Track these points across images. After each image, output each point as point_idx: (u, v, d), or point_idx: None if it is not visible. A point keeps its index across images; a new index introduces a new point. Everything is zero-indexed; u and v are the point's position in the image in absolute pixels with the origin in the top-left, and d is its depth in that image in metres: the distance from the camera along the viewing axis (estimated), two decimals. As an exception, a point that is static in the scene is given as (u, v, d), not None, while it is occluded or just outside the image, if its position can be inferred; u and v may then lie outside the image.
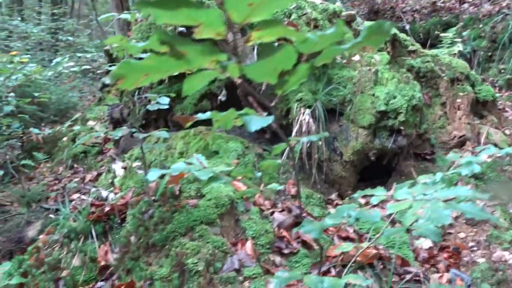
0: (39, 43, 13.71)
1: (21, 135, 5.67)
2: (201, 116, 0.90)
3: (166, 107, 2.32)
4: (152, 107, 2.28)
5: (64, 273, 2.42)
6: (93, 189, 3.12)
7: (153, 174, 1.09)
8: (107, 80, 2.94)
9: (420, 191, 1.08)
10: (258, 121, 0.79)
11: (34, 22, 14.23)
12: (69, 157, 5.84)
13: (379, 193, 1.17)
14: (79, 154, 5.78)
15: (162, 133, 2.21)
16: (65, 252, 2.60)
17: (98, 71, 12.93)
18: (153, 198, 2.43)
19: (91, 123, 6.79)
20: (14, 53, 4.01)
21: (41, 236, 2.86)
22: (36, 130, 3.84)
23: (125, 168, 3.01)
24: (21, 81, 4.19)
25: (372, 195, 1.21)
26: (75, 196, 4.30)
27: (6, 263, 2.05)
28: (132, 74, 0.65)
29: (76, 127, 5.86)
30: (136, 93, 3.91)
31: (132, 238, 2.26)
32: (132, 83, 0.68)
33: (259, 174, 1.29)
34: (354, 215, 1.04)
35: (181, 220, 2.16)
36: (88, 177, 4.94)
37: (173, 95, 2.47)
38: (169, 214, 2.20)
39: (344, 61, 3.20)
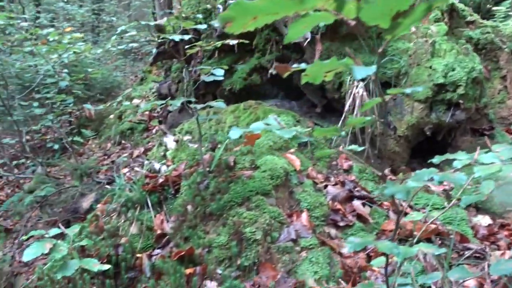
0: (82, 24, 14.07)
1: (72, 111, 5.89)
2: (295, 67, 0.88)
3: (221, 78, 2.31)
4: (207, 78, 2.28)
5: (122, 240, 2.51)
6: (146, 162, 3.20)
7: (235, 133, 1.08)
8: (215, 23, 2.88)
9: (508, 155, 1.02)
10: (362, 70, 0.76)
11: (78, 4, 14.57)
12: (116, 133, 6.01)
13: (462, 157, 1.12)
14: (126, 131, 5.94)
15: (219, 104, 2.22)
16: (122, 221, 2.69)
17: (139, 52, 13.14)
18: (207, 169, 2.46)
19: (135, 101, 6.95)
20: (68, 29, 4.11)
21: (98, 206, 2.97)
22: (89, 106, 3.95)
23: (176, 141, 3.05)
24: (72, 58, 4.30)
25: (454, 159, 1.16)
26: (125, 170, 4.44)
27: (75, 225, 2.14)
28: (242, 16, 0.63)
29: (124, 103, 6.01)
30: (185, 69, 3.95)
31: (189, 208, 2.31)
32: (240, 26, 0.66)
33: (343, 133, 1.26)
34: (438, 178, 1.00)
35: (237, 190, 2.18)
36: (136, 152, 5.08)
37: (225, 67, 2.45)
38: (225, 184, 2.22)
39: (399, 32, 3.07)
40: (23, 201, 4.95)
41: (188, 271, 1.97)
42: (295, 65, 0.87)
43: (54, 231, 1.70)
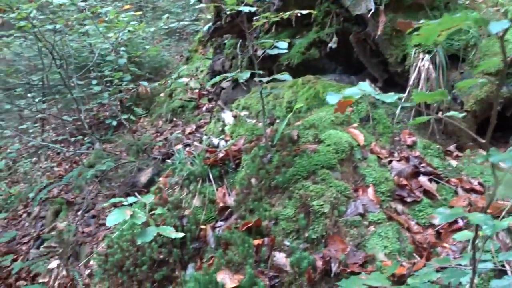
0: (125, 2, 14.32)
1: (128, 89, 6.05)
2: (420, 23, 0.84)
3: (285, 51, 2.29)
4: (271, 51, 2.26)
5: (186, 212, 2.58)
6: (205, 137, 3.25)
7: (332, 98, 1.06)
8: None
9: None
10: (498, 24, 0.71)
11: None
12: (168, 111, 6.14)
13: None
14: (177, 109, 6.05)
15: (285, 76, 2.20)
16: (185, 193, 2.76)
17: (184, 32, 13.25)
18: (270, 143, 2.47)
19: (184, 79, 7.04)
20: (127, 6, 4.20)
21: (160, 179, 3.06)
22: (145, 83, 4.03)
23: (235, 116, 3.07)
24: (127, 36, 4.40)
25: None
26: (179, 146, 4.54)
27: (149, 195, 2.21)
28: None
29: (174, 82, 6.11)
30: (239, 44, 3.94)
31: (253, 181, 2.33)
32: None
33: (449, 97, 1.22)
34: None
35: (302, 164, 2.17)
36: (188, 129, 5.17)
37: (288, 40, 2.42)
38: (290, 158, 2.22)
39: (467, 1, 2.91)
40: (83, 175, 5.19)
41: (256, 242, 2.00)
42: (415, 24, 0.83)
43: (131, 199, 1.76)
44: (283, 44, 2.32)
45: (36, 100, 6.08)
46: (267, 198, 2.20)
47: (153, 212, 1.93)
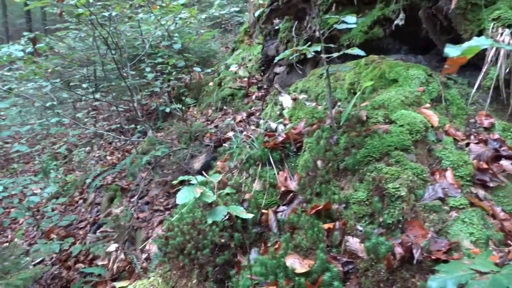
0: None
1: (179, 78, 6.10)
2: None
3: (354, 26, 2.15)
4: (340, 26, 2.13)
5: (247, 196, 2.51)
6: (262, 121, 3.18)
7: (453, 50, 0.93)
8: None
9: None
10: None
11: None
12: (218, 100, 6.12)
13: None
14: (227, 97, 6.02)
15: (356, 51, 2.05)
16: (244, 177, 2.69)
17: (228, 23, 13.24)
18: (329, 125, 2.35)
19: (233, 68, 7.00)
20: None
21: (218, 163, 3.02)
22: (198, 69, 4.00)
23: (294, 99, 2.97)
24: (180, 24, 4.39)
25: None
26: (230, 133, 4.50)
27: (216, 174, 2.16)
28: None
29: (224, 71, 6.08)
30: (294, 27, 3.82)
31: (319, 163, 2.22)
32: None
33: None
34: None
35: (374, 144, 2.03)
36: (238, 117, 5.12)
37: (354, 15, 2.27)
38: (360, 139, 2.09)
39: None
40: (136, 162, 5.28)
41: (326, 226, 1.89)
42: None
43: (199, 178, 1.70)
44: (351, 19, 2.18)
45: (90, 90, 6.26)
46: (335, 181, 2.09)
47: (220, 191, 1.87)
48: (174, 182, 1.70)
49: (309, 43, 3.54)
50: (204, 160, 4.12)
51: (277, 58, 1.98)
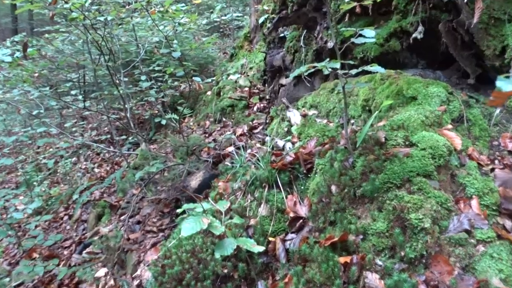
0: None
1: (177, 87, 6.09)
2: None
3: (373, 40, 2.12)
4: (357, 40, 2.11)
5: (252, 222, 2.47)
6: (267, 138, 3.14)
7: (505, 84, 0.89)
8: None
9: None
10: None
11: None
12: (216, 110, 6.09)
13: None
14: (226, 108, 5.99)
15: (377, 68, 2.03)
16: (249, 201, 2.65)
17: (227, 27, 13.28)
18: (342, 145, 2.32)
19: (232, 77, 7.00)
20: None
21: (220, 184, 2.97)
22: (198, 79, 3.97)
23: (304, 116, 2.94)
24: (181, 29, 4.38)
25: None
26: (230, 149, 4.47)
27: (224, 201, 2.11)
28: None
29: (223, 80, 6.07)
30: (302, 36, 3.81)
31: (334, 188, 2.18)
32: None
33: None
34: None
35: (394, 170, 2.00)
36: (239, 130, 5.09)
37: (371, 28, 2.25)
38: (379, 163, 2.05)
39: None
40: (127, 177, 5.22)
41: (342, 259, 1.85)
42: None
43: (205, 205, 1.66)
44: (369, 32, 2.16)
45: (79, 97, 6.21)
46: (351, 209, 2.05)
47: (228, 221, 1.82)
48: (179, 210, 1.66)
49: (320, 54, 3.53)
50: (202, 178, 4.07)
51: (291, 75, 1.94)
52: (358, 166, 2.16)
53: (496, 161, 2.38)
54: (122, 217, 4.77)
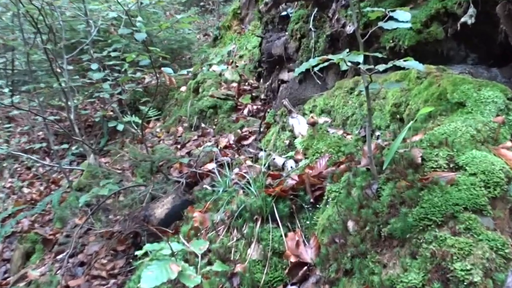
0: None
1: (141, 80, 6.09)
2: None
3: (408, 25, 2.14)
4: (387, 25, 2.12)
5: (238, 268, 2.47)
6: (262, 154, 3.14)
7: None
8: None
9: None
10: None
11: None
12: (192, 113, 6.10)
13: None
14: (207, 110, 5.99)
15: (412, 63, 2.04)
16: (235, 238, 2.66)
17: (209, 1, 13.35)
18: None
19: (216, 68, 7.00)
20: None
21: (195, 214, 2.97)
22: (169, 70, 3.96)
23: (313, 124, 2.95)
24: (147, 3, 4.40)
25: None
26: (210, 166, 4.47)
27: (201, 241, 2.10)
28: None
29: (205, 71, 6.09)
30: (312, 17, 3.85)
31: (350, 225, 2.19)
32: None
33: None
34: None
35: (433, 202, 2.00)
36: (223, 141, 5.11)
37: (406, 9, 2.27)
38: (413, 192, 2.06)
39: None
40: (68, 202, 5.20)
41: (363, 324, 1.84)
42: None
43: (175, 245, 1.65)
44: (403, 14, 2.18)
45: (5, 90, 6.19)
46: (375, 254, 2.05)
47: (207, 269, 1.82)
48: (138, 253, 1.64)
49: (335, 41, 3.56)
50: (171, 205, 4.07)
51: (297, 70, 1.95)
52: (384, 195, 2.16)
53: None
54: (59, 256, 4.75)
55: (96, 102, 8.14)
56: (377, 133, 2.86)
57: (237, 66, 7.10)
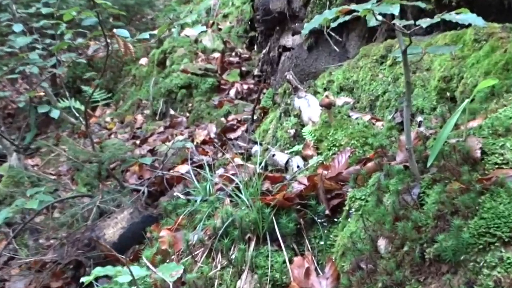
0: None
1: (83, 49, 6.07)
2: None
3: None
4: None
5: (222, 308, 2.50)
6: (255, 148, 3.16)
7: None
8: None
9: None
10: None
11: None
12: (158, 95, 6.09)
13: None
14: (178, 91, 5.98)
15: (468, 17, 2.06)
16: (219, 265, 2.68)
17: None
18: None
19: (189, 32, 7.01)
20: None
21: (163, 233, 3.00)
22: (125, 32, 3.95)
23: (327, 106, 2.98)
24: None
25: None
26: (183, 168, 4.48)
27: (173, 264, 2.12)
28: None
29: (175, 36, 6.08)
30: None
31: (382, 244, 2.21)
32: None
33: None
34: None
35: (499, 211, 2.03)
36: (202, 134, 5.13)
37: None
38: (470, 197, 2.09)
39: None
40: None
41: None
42: None
43: (138, 271, 1.68)
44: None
45: None
46: (416, 284, 2.08)
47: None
48: (84, 279, 1.66)
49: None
50: (127, 224, 4.09)
51: (306, 28, 1.97)
52: (429, 202, 2.19)
53: None
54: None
55: (19, 80, 8.14)
56: (419, 118, 2.88)
57: (220, 30, 7.12)
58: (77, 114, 4.83)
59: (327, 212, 2.63)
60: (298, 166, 2.94)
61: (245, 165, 3.08)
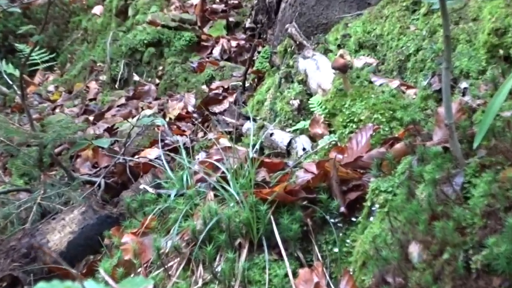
0: None
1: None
2: None
3: None
4: None
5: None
6: (248, 125, 3.16)
7: None
8: None
9: None
10: None
11: None
12: (116, 55, 6.08)
13: None
14: (143, 50, 5.99)
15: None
16: (200, 281, 2.70)
17: None
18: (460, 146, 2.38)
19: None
20: None
21: (126, 238, 3.02)
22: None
23: (342, 69, 3.00)
24: None
25: None
26: (152, 152, 4.51)
27: (140, 279, 2.15)
28: None
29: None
30: None
31: (415, 250, 2.24)
32: None
33: None
34: None
35: None
36: (176, 108, 5.14)
37: None
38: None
39: None
40: None
41: None
42: None
43: (93, 286, 1.70)
44: None
45: None
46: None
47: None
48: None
49: None
50: (78, 227, 4.11)
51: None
52: (476, 195, 2.22)
53: None
54: None
55: None
56: (463, 84, 2.90)
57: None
58: (10, 82, 4.83)
59: (342, 209, 2.64)
60: (304, 149, 2.95)
61: (234, 148, 3.09)
